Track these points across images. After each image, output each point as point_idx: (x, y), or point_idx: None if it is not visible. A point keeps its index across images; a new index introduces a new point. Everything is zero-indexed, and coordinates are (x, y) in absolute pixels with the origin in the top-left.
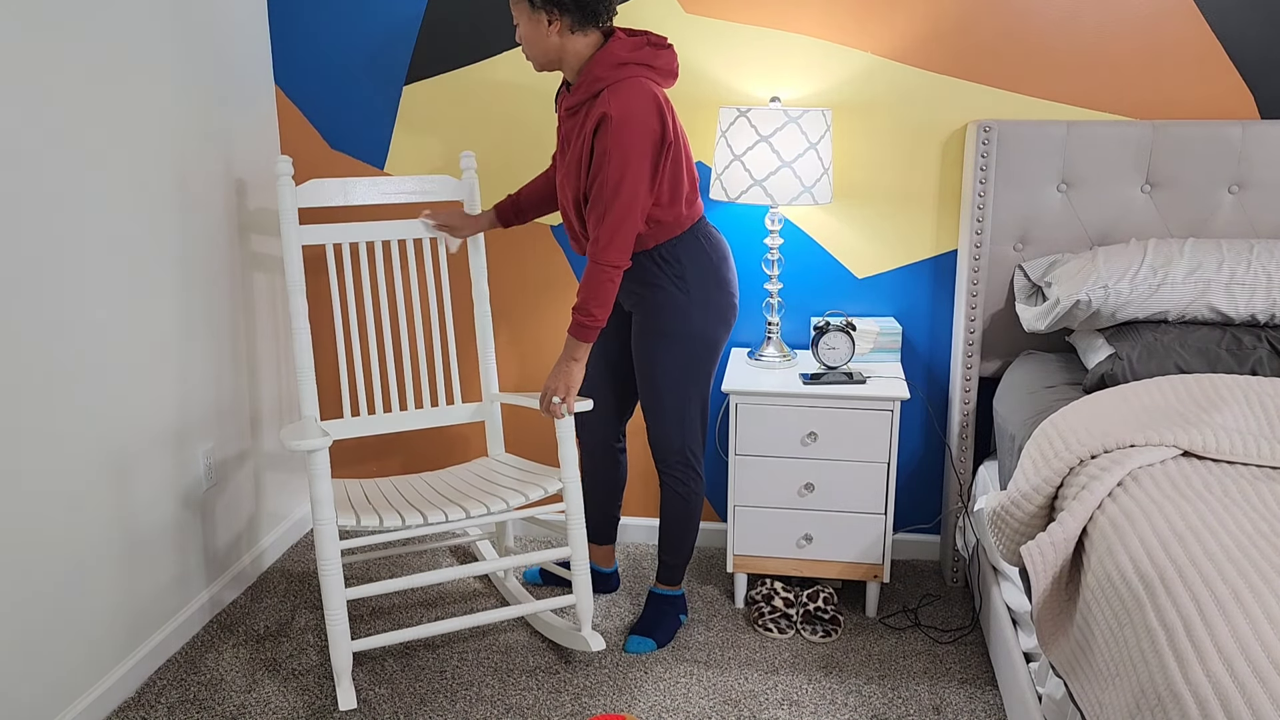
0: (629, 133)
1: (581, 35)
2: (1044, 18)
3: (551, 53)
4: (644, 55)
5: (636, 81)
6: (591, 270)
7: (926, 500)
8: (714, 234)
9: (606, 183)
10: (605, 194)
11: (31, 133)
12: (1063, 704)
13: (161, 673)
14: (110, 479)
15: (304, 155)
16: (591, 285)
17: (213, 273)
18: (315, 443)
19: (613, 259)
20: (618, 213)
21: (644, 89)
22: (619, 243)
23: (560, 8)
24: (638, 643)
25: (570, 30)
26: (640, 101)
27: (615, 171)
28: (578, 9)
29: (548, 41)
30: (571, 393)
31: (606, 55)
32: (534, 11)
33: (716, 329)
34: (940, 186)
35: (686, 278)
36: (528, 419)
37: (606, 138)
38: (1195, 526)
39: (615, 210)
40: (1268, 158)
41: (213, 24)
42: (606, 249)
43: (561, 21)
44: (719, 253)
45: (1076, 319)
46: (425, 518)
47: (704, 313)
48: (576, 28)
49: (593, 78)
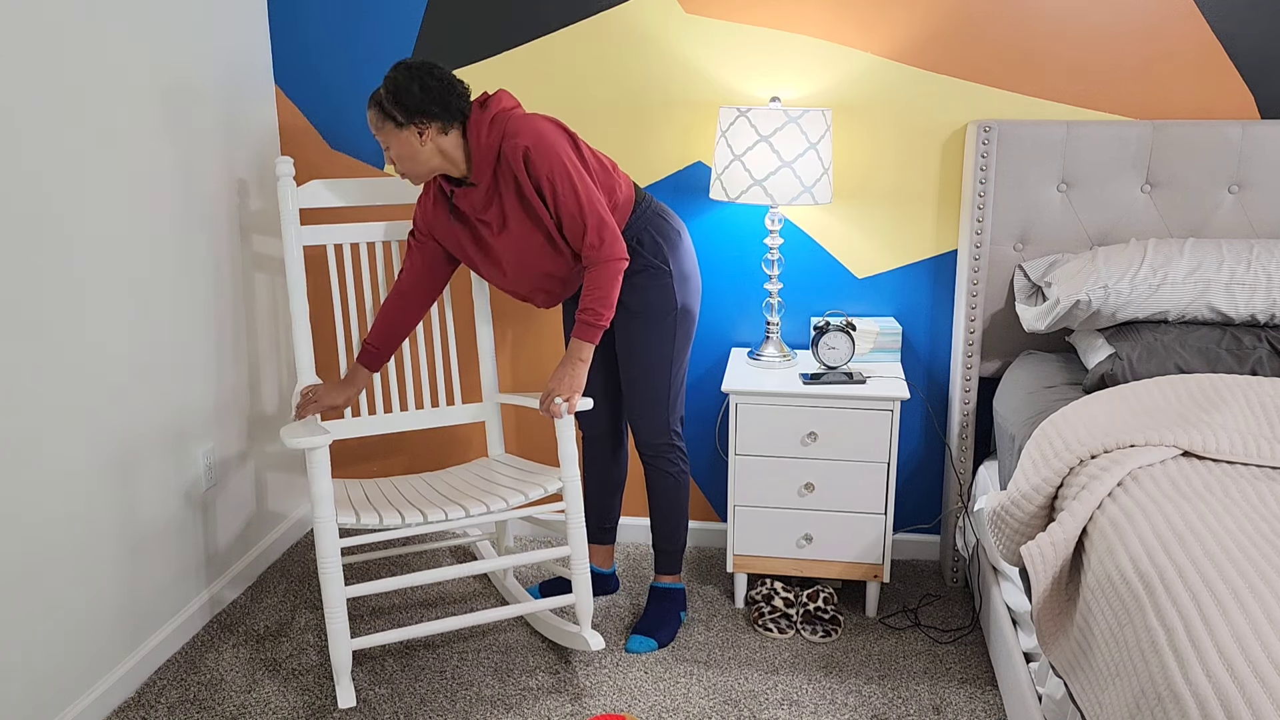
0: (549, 146)
1: (454, 132)
2: (1044, 18)
3: (432, 160)
4: (494, 105)
5: (516, 117)
6: (597, 272)
7: (926, 500)
8: (666, 208)
9: (567, 195)
10: (573, 206)
11: (31, 133)
12: (1063, 704)
13: (161, 673)
14: (110, 479)
15: (304, 155)
16: (599, 285)
17: (213, 273)
18: (315, 440)
19: (615, 252)
20: (592, 210)
21: (528, 116)
22: (609, 236)
23: (427, 115)
24: (639, 642)
25: (443, 133)
26: (536, 122)
27: (565, 181)
28: (443, 111)
29: (424, 151)
30: (576, 394)
31: (476, 127)
32: (402, 130)
33: (692, 300)
34: (940, 186)
35: (662, 254)
36: (528, 419)
37: (536, 165)
38: (1195, 526)
39: (589, 211)
40: (1268, 158)
41: (213, 24)
42: (604, 246)
43: (431, 128)
44: (676, 224)
45: (1076, 319)
46: (425, 516)
47: (683, 285)
48: (447, 129)
49: (481, 147)
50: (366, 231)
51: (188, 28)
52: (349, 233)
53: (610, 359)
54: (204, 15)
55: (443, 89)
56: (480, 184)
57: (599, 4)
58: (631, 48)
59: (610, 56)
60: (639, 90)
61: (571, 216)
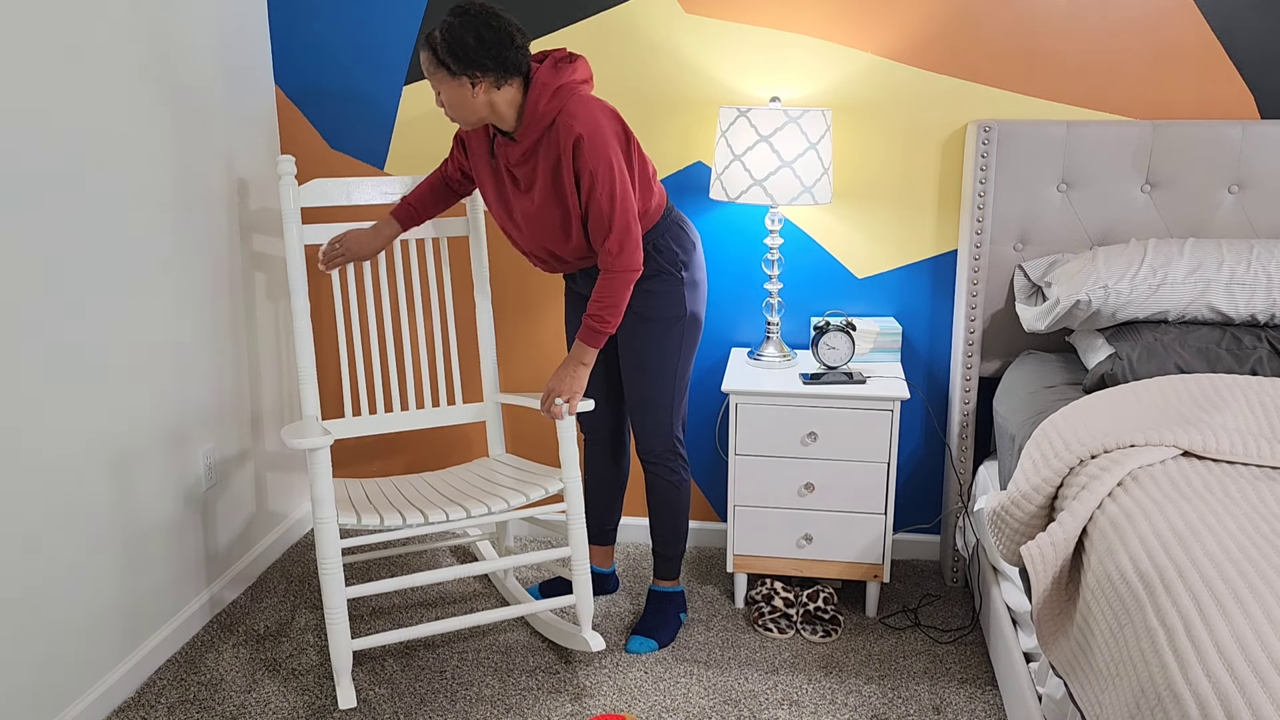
0: (602, 144)
1: (507, 88)
2: (1044, 18)
3: (481, 111)
4: (567, 74)
5: (581, 97)
6: (608, 279)
7: (926, 500)
8: (686, 219)
9: (603, 196)
10: (605, 207)
11: (31, 133)
12: (1063, 704)
13: (161, 673)
14: (111, 478)
15: (304, 155)
16: (610, 293)
17: (213, 272)
18: (316, 441)
19: (632, 264)
20: (621, 218)
21: (591, 101)
22: (630, 247)
23: (481, 68)
24: (639, 643)
25: (495, 87)
26: (597, 113)
27: (606, 183)
28: (498, 66)
29: (475, 102)
30: (577, 396)
31: (540, 91)
32: (455, 78)
33: (701, 308)
34: (940, 186)
35: (678, 262)
36: (529, 419)
37: (584, 158)
38: (1195, 526)
39: (619, 217)
40: (1268, 158)
41: (213, 24)
42: (621, 255)
43: (485, 81)
44: (694, 234)
45: (1076, 319)
46: (426, 517)
47: (693, 293)
48: (500, 83)
49: (537, 115)
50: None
51: (188, 27)
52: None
53: (613, 362)
54: (204, 14)
55: (499, 41)
56: (522, 143)
57: (599, 4)
58: (631, 48)
59: (610, 56)
60: (639, 90)
61: (599, 216)
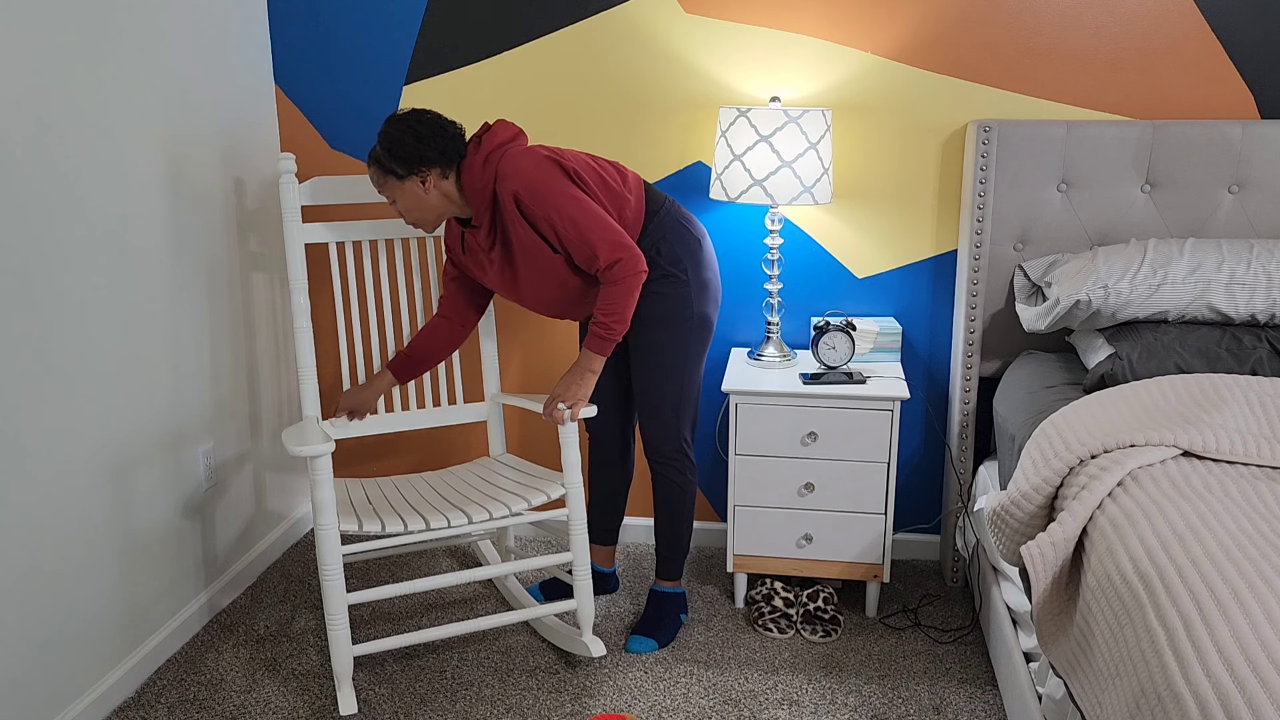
0: (540, 186)
1: (452, 176)
2: (1044, 18)
3: (439, 206)
4: (488, 143)
5: (508, 156)
6: (613, 288)
7: (926, 500)
8: (688, 214)
9: (568, 230)
10: (575, 238)
11: (30, 133)
12: (1063, 704)
13: (161, 673)
14: (110, 480)
15: (304, 155)
16: (615, 300)
17: (212, 272)
18: (318, 448)
19: (634, 268)
20: (599, 235)
21: (518, 154)
22: (624, 254)
23: (426, 163)
24: (639, 643)
25: (444, 177)
26: (522, 163)
27: (563, 217)
28: (441, 156)
29: (430, 199)
30: (582, 403)
31: (470, 171)
32: (404, 181)
33: (710, 308)
34: (940, 186)
35: (682, 263)
36: (530, 420)
37: (531, 208)
38: (1195, 526)
39: (595, 235)
40: (1268, 158)
41: (213, 24)
42: (620, 264)
43: (433, 174)
44: (698, 231)
45: (1076, 319)
46: (427, 523)
47: (701, 294)
48: (447, 172)
49: (476, 191)
50: (369, 230)
51: (187, 27)
52: (351, 231)
53: (622, 363)
54: (204, 14)
55: (435, 134)
56: (481, 225)
57: (599, 4)
58: (631, 48)
59: (610, 56)
60: (639, 90)
61: (577, 248)
